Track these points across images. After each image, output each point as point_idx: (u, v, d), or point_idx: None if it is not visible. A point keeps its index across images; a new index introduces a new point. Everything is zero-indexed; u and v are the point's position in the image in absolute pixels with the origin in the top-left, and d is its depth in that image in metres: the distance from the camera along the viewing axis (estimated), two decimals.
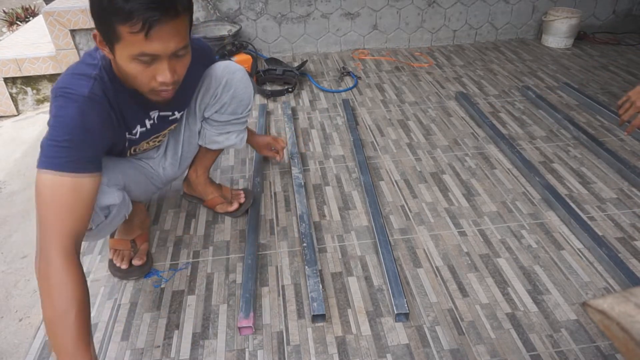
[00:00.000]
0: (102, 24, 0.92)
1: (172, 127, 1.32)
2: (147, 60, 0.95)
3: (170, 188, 1.75)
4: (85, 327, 0.90)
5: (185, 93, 1.26)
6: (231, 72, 1.33)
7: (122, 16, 0.88)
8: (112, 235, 1.46)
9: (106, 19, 0.90)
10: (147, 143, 1.28)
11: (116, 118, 1.09)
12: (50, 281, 0.89)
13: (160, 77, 0.99)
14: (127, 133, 1.17)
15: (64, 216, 0.93)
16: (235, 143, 1.47)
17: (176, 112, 1.27)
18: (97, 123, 1.00)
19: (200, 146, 1.48)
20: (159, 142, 1.34)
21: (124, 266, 1.35)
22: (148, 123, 1.20)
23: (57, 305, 0.88)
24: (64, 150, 0.94)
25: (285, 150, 1.85)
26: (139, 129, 1.19)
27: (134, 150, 1.27)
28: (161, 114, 1.23)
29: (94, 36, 0.96)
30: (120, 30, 0.90)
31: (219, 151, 1.53)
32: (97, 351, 1.16)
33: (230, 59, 2.39)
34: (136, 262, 1.37)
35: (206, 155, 1.52)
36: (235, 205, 1.57)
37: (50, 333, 0.89)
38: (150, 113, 1.20)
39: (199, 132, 1.44)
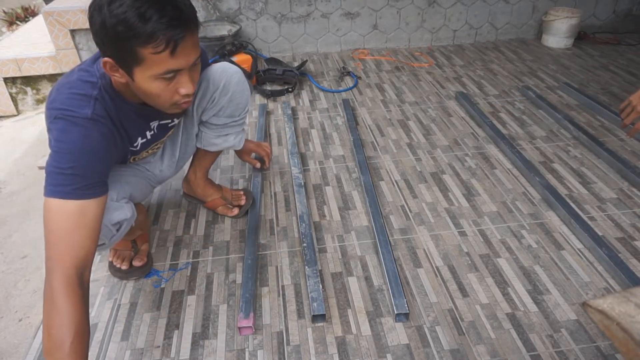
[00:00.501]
0: (118, 50, 0.90)
1: (170, 132, 1.32)
2: (170, 77, 0.95)
3: (170, 188, 1.75)
4: (81, 355, 0.89)
5: None
6: (228, 75, 1.33)
7: (143, 38, 0.86)
8: None
9: (124, 44, 0.88)
10: (147, 152, 1.28)
11: (119, 135, 1.08)
12: (52, 307, 0.89)
13: (184, 90, 0.98)
14: (129, 146, 1.17)
15: (69, 244, 0.93)
16: (233, 145, 1.47)
17: (175, 119, 1.27)
18: (102, 144, 0.99)
19: (198, 149, 1.48)
20: (157, 148, 1.34)
21: (124, 267, 1.35)
22: (148, 134, 1.20)
23: (54, 334, 0.88)
24: (68, 178, 0.93)
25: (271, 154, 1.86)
26: (139, 140, 1.18)
27: (134, 159, 1.27)
28: (161, 122, 1.22)
29: (104, 63, 0.93)
30: (141, 52, 0.88)
31: (218, 153, 1.53)
32: (97, 351, 1.16)
33: (230, 59, 2.39)
34: (136, 262, 1.37)
35: (205, 157, 1.52)
36: (235, 211, 1.57)
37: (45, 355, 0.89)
38: (151, 124, 1.19)
39: (197, 135, 1.43)
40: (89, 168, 0.96)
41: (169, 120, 1.25)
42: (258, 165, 1.78)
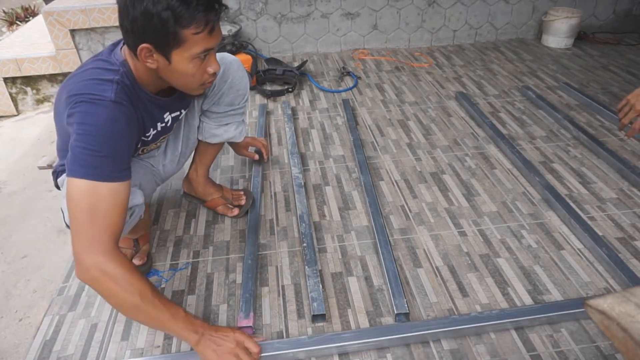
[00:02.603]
0: (159, 34, 0.96)
1: (175, 125, 1.33)
2: (203, 57, 1.04)
3: (170, 188, 1.75)
4: (161, 295, 1.01)
5: None
6: (227, 62, 1.36)
7: (186, 20, 0.95)
8: None
9: (167, 28, 0.95)
10: (155, 144, 1.29)
11: (137, 121, 1.10)
12: (112, 279, 0.94)
13: (211, 68, 1.08)
14: (142, 135, 1.18)
15: (106, 223, 0.96)
16: (234, 135, 1.49)
17: (182, 110, 1.29)
18: (127, 127, 1.02)
19: (199, 143, 1.49)
20: (162, 141, 1.35)
21: None
22: (160, 125, 1.22)
23: (132, 291, 0.95)
24: (103, 161, 0.96)
25: (269, 149, 1.88)
26: (151, 131, 1.20)
27: (142, 151, 1.28)
28: (172, 115, 1.25)
29: (140, 50, 0.98)
30: (184, 34, 0.97)
31: (219, 148, 1.54)
32: (97, 351, 1.16)
33: None
34: (136, 261, 1.37)
35: (206, 153, 1.52)
36: (235, 211, 1.57)
37: (142, 316, 0.99)
38: (164, 115, 1.22)
39: (198, 128, 1.45)
40: (121, 151, 1.00)
41: (178, 113, 1.27)
42: (256, 157, 1.79)
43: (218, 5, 1.00)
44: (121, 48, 1.07)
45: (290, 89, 2.45)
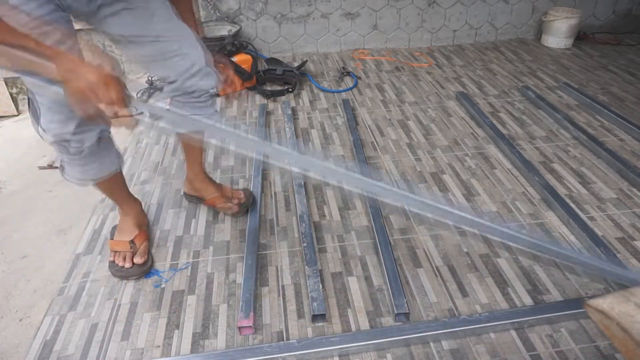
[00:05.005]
0: None
1: None
2: None
3: (171, 188, 1.75)
4: None
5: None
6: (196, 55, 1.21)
7: None
8: (111, 237, 1.46)
9: None
10: None
11: None
12: None
13: None
14: None
15: None
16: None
17: None
18: None
19: (182, 142, 1.49)
20: None
21: (127, 265, 1.36)
22: None
23: None
24: None
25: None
26: None
27: None
28: None
29: None
30: None
31: (201, 140, 1.50)
32: (97, 351, 1.17)
33: (230, 59, 2.39)
34: (137, 259, 1.37)
35: (190, 150, 1.50)
36: (235, 209, 1.56)
37: None
38: None
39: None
40: None
41: None
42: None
43: None
44: None
45: (290, 89, 2.45)
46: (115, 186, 1.39)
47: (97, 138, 1.18)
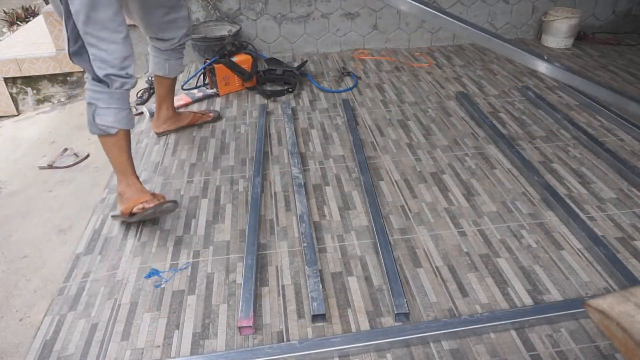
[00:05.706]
0: None
1: None
2: None
3: (171, 188, 1.75)
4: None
5: None
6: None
7: None
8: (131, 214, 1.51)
9: None
10: None
11: None
12: None
13: None
14: None
15: None
16: (179, 70, 1.92)
17: None
18: None
19: (155, 80, 1.93)
20: None
21: (153, 203, 1.46)
22: None
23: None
24: None
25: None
26: None
27: None
28: None
29: None
30: None
31: (170, 82, 1.93)
32: (97, 351, 1.17)
33: (230, 59, 2.40)
34: (161, 199, 1.51)
35: (161, 88, 1.93)
36: (215, 113, 2.16)
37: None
38: None
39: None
40: None
41: None
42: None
43: None
44: None
45: (290, 89, 2.45)
46: (129, 148, 1.53)
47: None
